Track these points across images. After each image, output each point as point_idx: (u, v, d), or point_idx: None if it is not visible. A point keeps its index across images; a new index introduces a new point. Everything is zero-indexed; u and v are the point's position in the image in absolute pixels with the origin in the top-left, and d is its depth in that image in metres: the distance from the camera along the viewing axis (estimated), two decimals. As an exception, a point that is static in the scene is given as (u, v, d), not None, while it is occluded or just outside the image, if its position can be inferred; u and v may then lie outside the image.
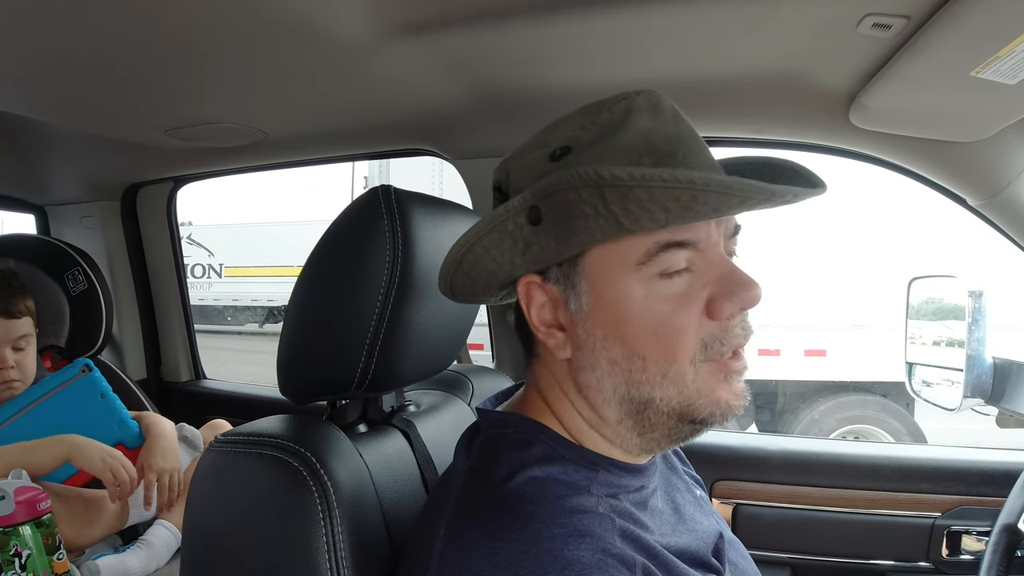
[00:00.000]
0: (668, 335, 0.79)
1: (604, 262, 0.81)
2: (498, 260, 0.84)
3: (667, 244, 0.77)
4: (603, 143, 0.80)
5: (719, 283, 0.79)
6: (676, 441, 0.85)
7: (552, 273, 0.85)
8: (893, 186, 1.83)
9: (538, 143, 0.86)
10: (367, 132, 2.05)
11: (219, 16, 1.23)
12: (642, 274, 0.79)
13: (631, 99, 0.81)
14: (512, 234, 0.82)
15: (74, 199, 2.62)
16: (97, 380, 1.85)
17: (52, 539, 1.46)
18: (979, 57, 1.12)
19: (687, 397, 0.80)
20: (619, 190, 0.72)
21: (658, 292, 0.79)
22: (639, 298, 0.79)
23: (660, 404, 0.81)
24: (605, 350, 0.82)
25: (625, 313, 0.80)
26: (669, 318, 0.79)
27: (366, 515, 0.95)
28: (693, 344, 0.79)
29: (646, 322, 0.79)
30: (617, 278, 0.80)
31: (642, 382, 0.81)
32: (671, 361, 0.79)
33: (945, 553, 1.70)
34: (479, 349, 3.17)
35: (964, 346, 1.68)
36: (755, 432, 6.01)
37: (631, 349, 0.80)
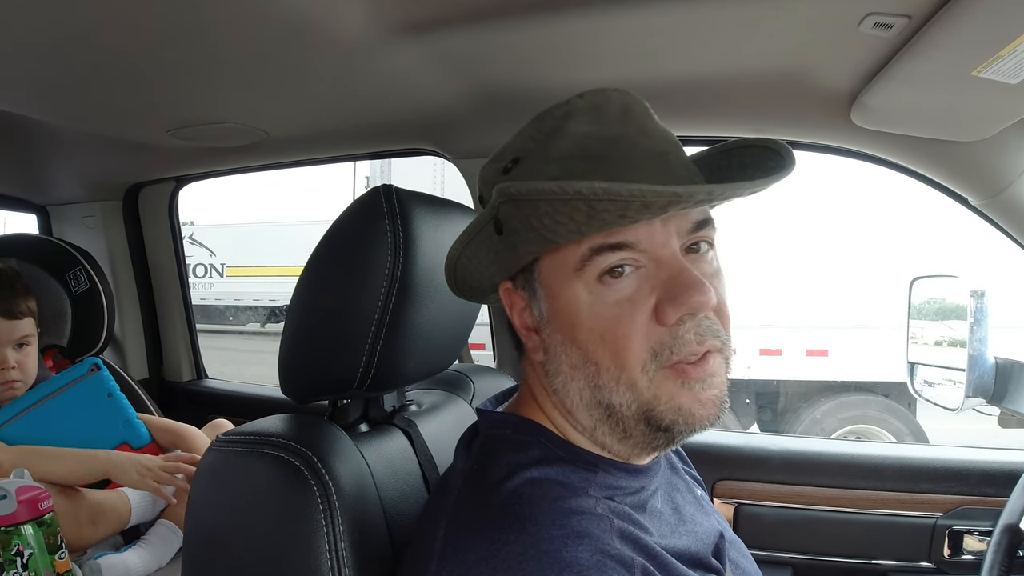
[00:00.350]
0: (614, 341, 0.78)
1: (552, 269, 0.82)
2: (479, 268, 0.89)
3: (600, 247, 0.77)
4: (542, 152, 0.82)
5: (664, 287, 0.77)
6: (657, 448, 0.84)
7: (519, 280, 0.87)
8: (895, 185, 1.83)
9: (498, 155, 0.87)
10: (368, 132, 2.05)
11: (221, 16, 1.23)
12: (584, 279, 0.79)
13: (572, 103, 0.82)
14: (486, 243, 0.85)
15: (76, 199, 2.62)
16: (105, 379, 1.85)
17: (54, 538, 1.46)
18: (981, 56, 1.12)
19: (645, 403, 0.78)
20: (530, 204, 0.74)
21: (603, 297, 0.78)
22: (587, 304, 0.79)
23: (621, 409, 0.80)
24: (566, 355, 0.83)
25: (575, 319, 0.80)
26: (615, 324, 0.78)
27: (367, 515, 0.95)
28: (642, 351, 0.77)
29: (594, 328, 0.79)
30: (564, 284, 0.81)
31: (600, 387, 0.80)
32: (620, 367, 0.78)
33: (947, 553, 1.70)
34: (480, 349, 3.18)
35: (966, 346, 1.67)
36: (757, 432, 6.01)
37: (585, 355, 0.80)
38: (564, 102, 0.83)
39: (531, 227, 0.77)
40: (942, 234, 4.94)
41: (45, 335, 2.01)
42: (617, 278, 0.78)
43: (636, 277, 0.78)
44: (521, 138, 0.85)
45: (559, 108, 0.83)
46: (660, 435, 0.80)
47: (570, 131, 0.80)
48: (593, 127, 0.80)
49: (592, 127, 0.80)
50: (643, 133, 0.81)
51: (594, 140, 0.79)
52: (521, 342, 0.92)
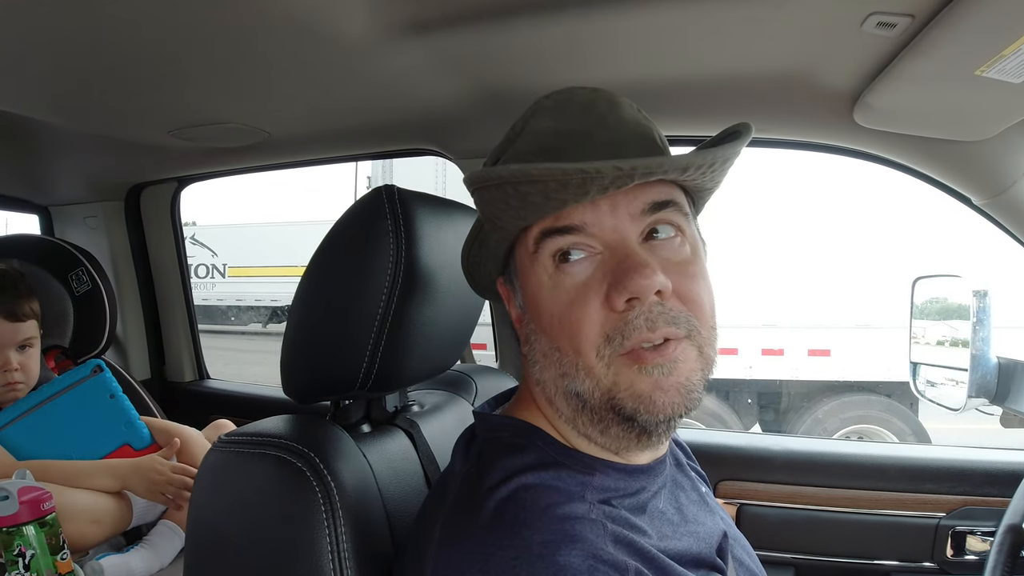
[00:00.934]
0: (569, 326, 0.79)
1: (520, 258, 0.86)
2: (482, 266, 0.97)
3: (548, 231, 0.80)
4: (509, 151, 0.86)
5: (613, 272, 0.77)
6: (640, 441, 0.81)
7: (507, 274, 0.91)
8: (898, 185, 1.82)
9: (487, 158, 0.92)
10: (370, 132, 2.05)
11: (223, 17, 1.23)
12: (541, 264, 0.81)
13: (539, 103, 0.86)
14: (483, 241, 0.94)
15: (78, 199, 2.63)
16: (108, 381, 1.85)
17: (56, 539, 1.46)
18: (984, 56, 1.12)
19: (606, 390, 0.78)
20: (479, 194, 0.79)
21: (561, 282, 0.80)
22: (547, 288, 0.81)
23: (587, 397, 0.79)
24: (538, 343, 0.85)
25: (540, 305, 0.83)
26: (569, 309, 0.79)
27: (369, 515, 0.95)
28: (595, 336, 0.78)
29: (553, 313, 0.81)
30: (529, 271, 0.84)
31: (567, 374, 0.81)
32: (577, 352, 0.79)
33: (950, 553, 1.70)
34: (483, 349, 3.18)
35: (968, 346, 1.67)
36: (759, 432, 6.01)
37: (551, 341, 0.82)
38: (537, 99, 0.87)
39: (488, 218, 0.83)
40: (945, 234, 4.94)
41: (47, 336, 2.01)
42: (570, 263, 0.79)
43: (591, 263, 0.79)
44: (501, 142, 0.89)
45: (529, 109, 0.87)
46: (629, 423, 0.79)
47: (532, 129, 0.84)
48: (552, 123, 0.83)
49: (551, 123, 0.83)
50: (602, 126, 0.82)
51: (551, 135, 0.82)
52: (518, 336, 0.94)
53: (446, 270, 1.06)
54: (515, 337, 0.97)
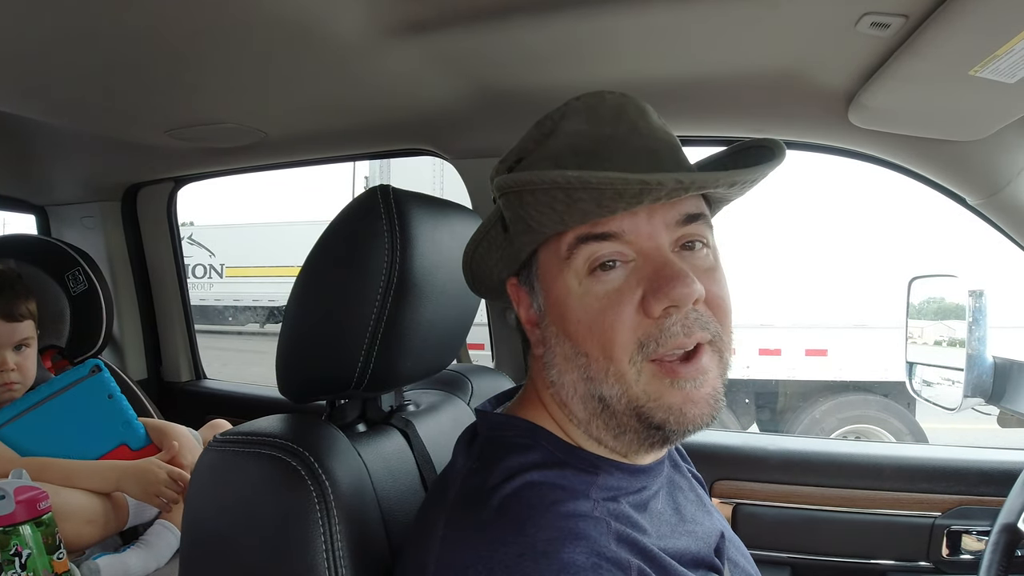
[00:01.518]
0: (602, 332, 0.79)
1: (546, 261, 0.85)
2: (489, 266, 0.95)
3: (584, 237, 0.80)
4: (537, 151, 0.86)
5: (649, 279, 0.78)
6: (654, 446, 0.84)
7: (522, 275, 0.91)
8: (894, 185, 1.83)
9: (505, 157, 0.91)
10: (367, 132, 2.05)
11: (220, 17, 1.23)
12: (573, 269, 0.81)
13: (569, 105, 0.86)
14: (495, 241, 0.92)
15: (75, 199, 2.62)
16: (106, 381, 1.85)
17: (52, 538, 1.46)
18: (978, 56, 1.12)
19: (635, 398, 0.79)
20: (518, 196, 0.78)
21: (592, 289, 0.80)
22: (577, 295, 0.81)
23: (612, 402, 0.80)
24: (559, 347, 0.84)
25: (566, 310, 0.82)
26: (602, 315, 0.79)
27: (364, 515, 0.95)
28: (629, 342, 0.78)
29: (583, 319, 0.81)
30: (556, 275, 0.83)
31: (592, 379, 0.81)
32: (609, 359, 0.79)
33: (945, 553, 1.70)
34: (480, 349, 3.17)
35: (965, 345, 1.67)
36: (756, 432, 6.01)
37: (576, 346, 0.82)
38: (563, 104, 0.86)
39: (521, 219, 0.81)
40: (942, 234, 4.94)
41: (44, 336, 2.00)
42: (607, 271, 0.79)
43: (624, 271, 0.80)
44: (524, 140, 0.89)
45: (557, 110, 0.86)
46: (654, 432, 0.80)
47: (564, 130, 0.84)
48: (585, 126, 0.83)
49: (584, 126, 0.83)
50: (634, 132, 0.83)
51: (585, 139, 0.82)
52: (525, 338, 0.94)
53: (442, 270, 1.06)
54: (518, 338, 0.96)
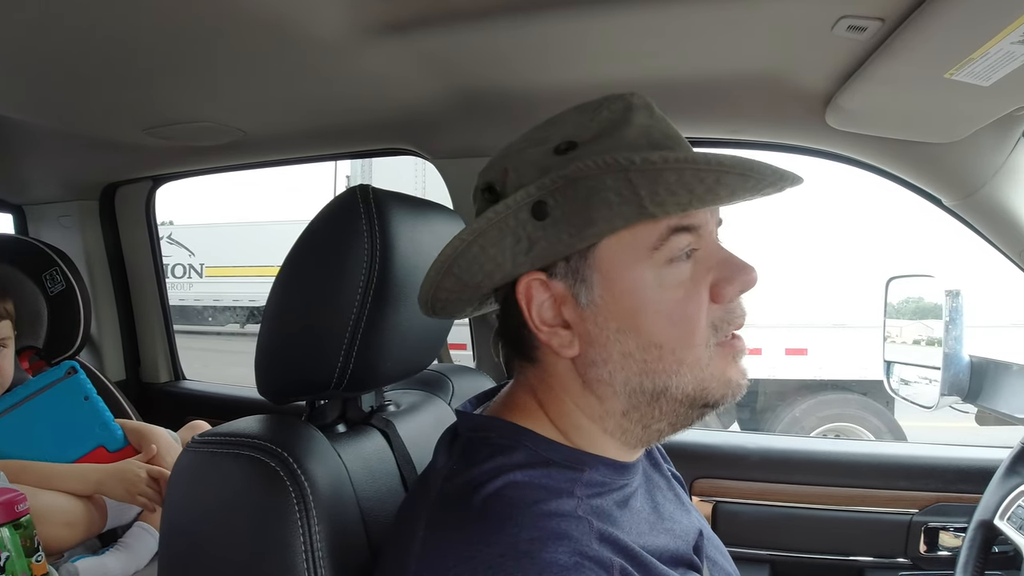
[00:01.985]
0: (683, 321, 0.81)
1: (617, 252, 0.81)
2: (497, 259, 0.83)
3: (677, 228, 0.80)
4: (608, 138, 0.82)
5: (720, 268, 0.83)
6: (679, 428, 0.87)
7: (559, 269, 0.84)
8: (874, 185, 1.84)
9: (534, 141, 0.86)
10: (347, 131, 2.04)
11: (198, 14, 1.22)
12: (654, 260, 0.80)
13: (627, 99, 0.85)
14: (514, 231, 0.81)
15: (52, 198, 2.60)
16: (82, 382, 1.83)
17: (31, 541, 1.45)
18: (953, 59, 1.13)
19: (702, 381, 0.82)
20: (648, 174, 0.76)
21: (669, 279, 0.81)
22: (652, 286, 0.81)
23: (675, 392, 0.82)
24: (619, 343, 0.82)
25: (641, 303, 0.81)
26: (683, 305, 0.81)
27: (344, 516, 0.94)
28: (705, 328, 0.82)
29: (660, 310, 0.81)
30: (630, 267, 0.81)
31: (658, 371, 0.82)
32: (688, 347, 0.81)
33: (923, 549, 1.72)
34: (461, 349, 3.17)
35: (942, 345, 1.69)
36: (736, 431, 6.05)
37: (647, 339, 0.81)
38: (614, 96, 0.85)
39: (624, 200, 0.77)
40: (919, 233, 4.99)
41: (21, 336, 1.98)
42: (681, 262, 0.81)
43: (693, 260, 0.82)
44: (567, 124, 0.86)
45: (612, 102, 0.85)
46: (695, 412, 0.85)
47: (635, 123, 0.83)
48: (652, 122, 0.84)
49: (651, 121, 0.84)
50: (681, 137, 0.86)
51: (656, 132, 0.83)
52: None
53: (422, 270, 1.05)
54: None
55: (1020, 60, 1.08)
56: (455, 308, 0.93)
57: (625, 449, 0.89)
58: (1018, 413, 1.63)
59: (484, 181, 0.91)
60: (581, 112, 0.85)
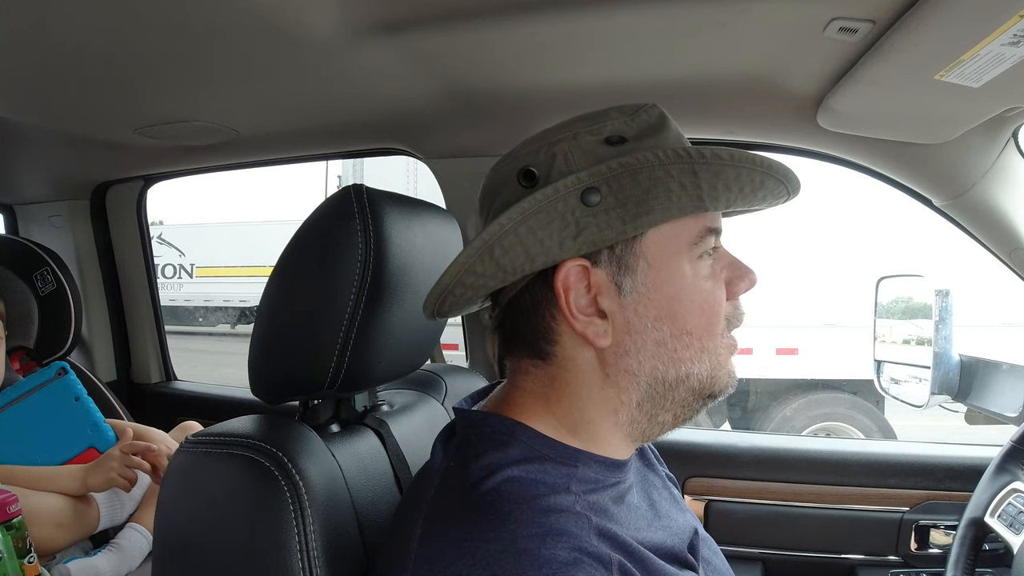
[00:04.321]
0: (711, 309, 0.87)
1: (663, 242, 0.85)
2: (544, 242, 0.81)
3: (711, 229, 0.87)
4: (653, 137, 0.87)
5: (732, 267, 0.91)
6: (679, 421, 0.91)
7: (603, 256, 0.84)
8: (865, 185, 1.85)
9: (586, 130, 0.87)
10: (340, 131, 2.04)
11: (191, 13, 1.22)
12: (691, 254, 0.86)
13: (658, 107, 0.91)
14: (562, 215, 0.81)
15: (43, 198, 2.58)
16: (72, 383, 1.82)
17: (23, 542, 1.44)
18: (943, 61, 1.14)
19: (714, 369, 0.88)
20: (712, 167, 0.81)
21: (701, 271, 0.87)
22: (689, 276, 0.86)
23: (692, 380, 0.87)
24: (656, 330, 0.85)
25: (680, 291, 0.86)
26: (712, 294, 0.87)
27: (338, 515, 0.94)
28: (723, 319, 0.89)
29: (694, 299, 0.86)
30: (673, 257, 0.85)
31: (684, 359, 0.86)
32: (711, 334, 0.87)
33: (914, 547, 1.74)
34: (454, 349, 3.17)
35: (931, 344, 1.70)
36: (727, 430, 6.06)
37: (680, 326, 0.86)
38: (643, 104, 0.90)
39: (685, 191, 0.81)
40: (909, 233, 5.01)
41: (11, 337, 1.98)
42: (709, 258, 0.88)
43: (712, 259, 0.89)
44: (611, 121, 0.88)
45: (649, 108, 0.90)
46: (698, 403, 0.90)
47: (671, 127, 0.89)
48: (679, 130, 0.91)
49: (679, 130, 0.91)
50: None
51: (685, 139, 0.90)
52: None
53: (416, 270, 1.06)
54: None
55: (1010, 62, 1.09)
56: (466, 304, 0.92)
57: (626, 443, 0.90)
58: (1007, 411, 1.64)
59: (523, 166, 0.88)
60: (622, 112, 0.89)
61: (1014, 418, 1.62)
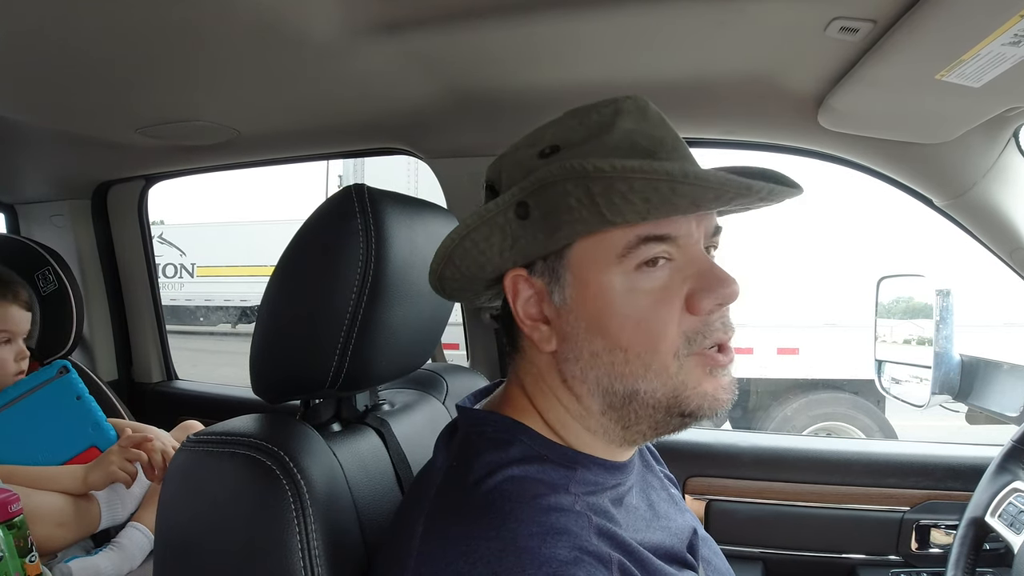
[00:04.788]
0: (650, 328, 0.81)
1: (588, 255, 0.83)
2: (487, 254, 0.86)
3: (647, 237, 0.80)
4: (591, 142, 0.83)
5: (698, 279, 0.81)
6: (662, 433, 0.87)
7: (538, 267, 0.86)
8: (866, 185, 1.85)
9: (529, 142, 0.88)
10: (341, 131, 2.04)
11: (192, 13, 1.22)
12: (623, 267, 0.81)
13: (620, 102, 0.85)
14: (502, 228, 0.84)
15: (44, 197, 2.59)
16: (74, 382, 1.82)
17: (24, 541, 1.44)
18: (944, 60, 1.14)
19: (673, 389, 0.81)
20: (602, 182, 0.75)
21: (639, 285, 0.81)
22: (621, 291, 0.81)
23: (645, 396, 0.82)
24: (588, 342, 0.84)
25: (607, 306, 0.82)
26: (651, 311, 0.81)
27: (340, 514, 0.95)
28: (675, 338, 0.81)
29: (628, 315, 0.81)
30: (600, 271, 0.82)
31: (625, 375, 0.82)
32: (653, 353, 0.81)
33: (914, 547, 1.73)
34: (455, 349, 3.17)
35: (932, 344, 1.70)
36: (728, 429, 6.06)
37: (613, 341, 0.82)
38: (609, 100, 0.85)
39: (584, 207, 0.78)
40: (911, 233, 5.01)
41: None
42: (653, 268, 0.81)
43: (669, 268, 0.82)
44: (561, 128, 0.86)
45: (604, 106, 0.85)
46: (675, 420, 0.84)
47: (620, 127, 0.83)
48: (640, 125, 0.84)
49: (641, 125, 0.84)
50: (678, 139, 0.86)
51: (643, 137, 0.83)
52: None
53: (417, 270, 1.06)
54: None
55: (1011, 61, 1.09)
56: (463, 295, 0.96)
57: (613, 448, 0.89)
58: (1008, 411, 1.64)
59: (487, 178, 0.93)
60: (574, 115, 0.86)
61: (1015, 418, 1.62)
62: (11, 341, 1.81)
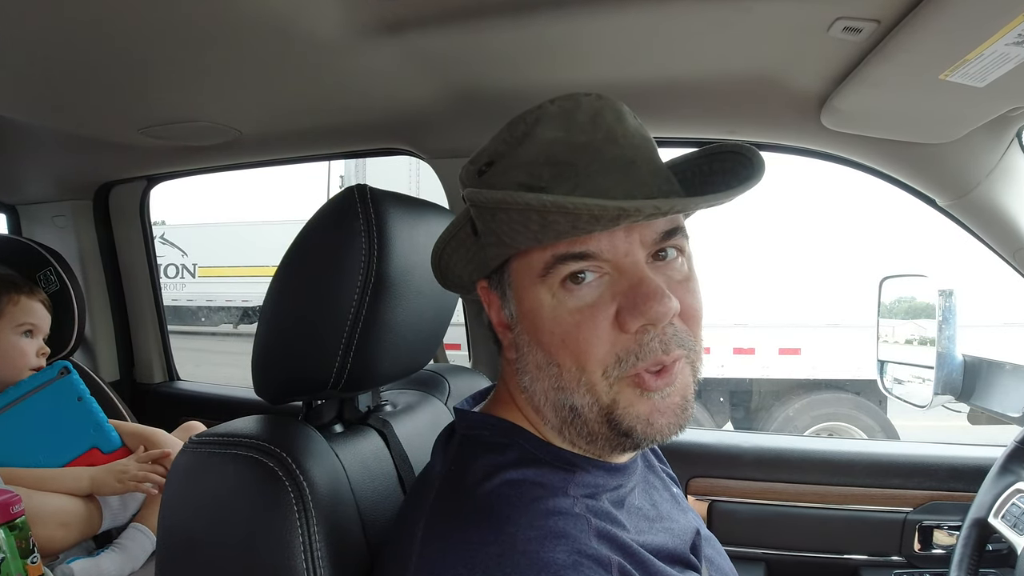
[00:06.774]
0: (575, 345, 0.79)
1: (519, 272, 0.84)
2: (458, 266, 0.93)
3: (562, 256, 0.78)
4: (510, 157, 0.82)
5: (625, 295, 0.78)
6: (626, 450, 0.86)
7: (493, 280, 0.89)
8: (867, 185, 1.85)
9: (475, 157, 0.88)
10: (343, 131, 2.04)
11: (194, 14, 1.22)
12: (547, 284, 0.80)
13: (544, 108, 0.82)
14: (464, 242, 0.90)
15: (46, 198, 2.59)
16: (75, 383, 1.82)
17: (26, 542, 1.44)
18: (948, 60, 1.14)
19: (605, 407, 0.80)
20: (489, 211, 0.76)
21: (565, 302, 0.80)
22: (549, 307, 0.81)
23: (584, 411, 0.81)
24: (532, 355, 0.84)
25: (539, 322, 0.82)
26: (576, 329, 0.79)
27: (342, 515, 0.94)
28: (605, 356, 0.79)
29: (555, 331, 0.80)
30: (529, 287, 0.82)
31: (562, 388, 0.82)
32: (581, 370, 0.80)
33: (917, 547, 1.73)
34: (456, 349, 3.17)
35: (935, 344, 1.70)
36: (730, 430, 6.06)
37: (549, 356, 0.82)
38: (536, 107, 0.83)
39: (493, 231, 0.79)
40: (915, 233, 5.00)
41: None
42: (579, 284, 0.79)
43: (599, 284, 0.79)
44: (496, 142, 0.85)
45: (531, 113, 0.83)
46: (624, 438, 0.81)
47: (539, 137, 0.81)
48: (561, 133, 0.80)
49: (560, 133, 0.80)
50: (611, 140, 0.80)
51: (562, 146, 0.80)
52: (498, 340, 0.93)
53: (419, 270, 1.06)
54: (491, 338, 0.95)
55: (1015, 61, 1.09)
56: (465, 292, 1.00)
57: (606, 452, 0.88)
58: (1011, 412, 1.63)
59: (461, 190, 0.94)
60: (509, 126, 0.84)
61: (1018, 418, 1.62)
62: (34, 334, 1.85)
